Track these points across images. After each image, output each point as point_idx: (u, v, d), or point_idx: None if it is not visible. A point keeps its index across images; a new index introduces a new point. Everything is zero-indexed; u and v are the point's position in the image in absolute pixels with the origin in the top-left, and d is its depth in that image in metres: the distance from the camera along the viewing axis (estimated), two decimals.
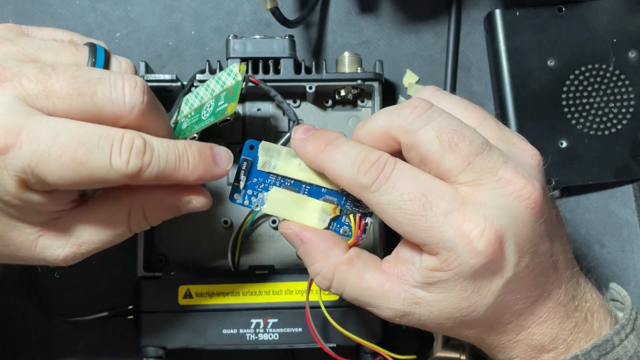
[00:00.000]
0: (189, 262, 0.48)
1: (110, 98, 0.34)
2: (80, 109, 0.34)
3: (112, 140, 0.33)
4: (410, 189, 0.34)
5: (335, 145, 0.37)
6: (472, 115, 0.37)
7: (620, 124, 0.52)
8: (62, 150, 0.32)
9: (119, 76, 0.35)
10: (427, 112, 0.35)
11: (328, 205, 0.39)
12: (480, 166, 0.34)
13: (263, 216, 0.49)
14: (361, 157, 0.35)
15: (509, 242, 0.34)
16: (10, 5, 0.53)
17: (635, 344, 0.37)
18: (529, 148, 0.37)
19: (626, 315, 0.38)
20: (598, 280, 0.40)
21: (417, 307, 0.36)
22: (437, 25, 0.55)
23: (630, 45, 0.52)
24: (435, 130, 0.34)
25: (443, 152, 0.34)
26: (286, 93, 0.48)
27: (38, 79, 0.33)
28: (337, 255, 0.37)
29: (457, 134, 0.34)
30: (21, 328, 0.50)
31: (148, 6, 0.54)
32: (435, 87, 0.39)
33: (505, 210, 0.34)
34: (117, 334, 0.50)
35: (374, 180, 0.35)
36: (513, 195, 0.34)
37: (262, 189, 0.39)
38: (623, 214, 0.53)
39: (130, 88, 0.35)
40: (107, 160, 0.33)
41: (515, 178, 0.34)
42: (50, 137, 0.32)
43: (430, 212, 0.34)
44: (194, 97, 0.46)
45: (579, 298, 0.38)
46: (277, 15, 0.46)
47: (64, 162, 0.33)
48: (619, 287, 0.41)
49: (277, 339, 0.45)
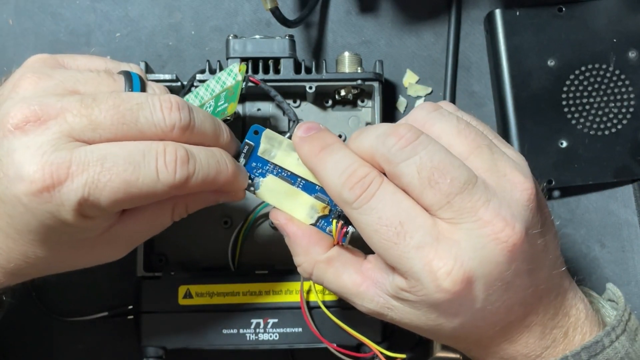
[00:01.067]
0: (189, 262, 0.48)
1: (152, 122, 0.35)
2: (124, 136, 0.34)
3: (155, 154, 0.34)
4: (389, 215, 0.34)
5: (329, 152, 0.37)
6: (464, 143, 0.36)
7: (620, 124, 0.52)
8: (111, 173, 0.33)
9: (155, 98, 0.35)
10: (412, 144, 0.34)
11: (318, 203, 0.39)
12: (459, 205, 0.34)
13: (263, 216, 0.49)
14: (349, 171, 0.35)
15: (477, 282, 0.34)
16: (10, 5, 0.53)
17: (627, 346, 0.37)
18: (520, 181, 0.35)
19: (617, 317, 0.38)
20: (598, 280, 0.40)
21: (390, 311, 0.37)
22: (437, 25, 0.55)
23: (630, 45, 0.52)
24: (416, 165, 0.34)
25: (422, 188, 0.34)
26: (286, 93, 0.48)
27: (81, 113, 0.33)
28: (317, 253, 0.39)
29: (438, 172, 0.34)
30: (21, 328, 0.50)
31: (148, 6, 0.54)
32: (432, 106, 0.38)
33: (479, 252, 0.34)
34: (117, 334, 0.50)
35: (357, 197, 0.35)
36: (490, 237, 0.33)
37: (259, 174, 0.40)
38: (623, 214, 0.53)
39: (167, 109, 0.35)
40: (154, 175, 0.34)
41: (494, 220, 0.33)
42: (97, 164, 0.33)
43: (403, 242, 0.34)
44: (194, 97, 0.46)
45: (561, 315, 0.38)
46: (277, 15, 0.46)
47: (115, 185, 0.33)
48: (615, 288, 0.41)
49: (277, 339, 0.45)
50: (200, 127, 0.36)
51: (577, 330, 0.38)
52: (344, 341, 0.45)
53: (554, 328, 0.37)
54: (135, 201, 0.34)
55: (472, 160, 0.35)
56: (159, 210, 0.38)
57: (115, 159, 0.33)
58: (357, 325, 0.44)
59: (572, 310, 0.38)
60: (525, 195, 0.35)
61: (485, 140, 0.36)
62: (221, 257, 0.48)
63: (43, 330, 0.51)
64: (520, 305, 0.36)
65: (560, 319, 0.37)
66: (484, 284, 0.34)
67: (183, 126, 0.35)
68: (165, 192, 0.34)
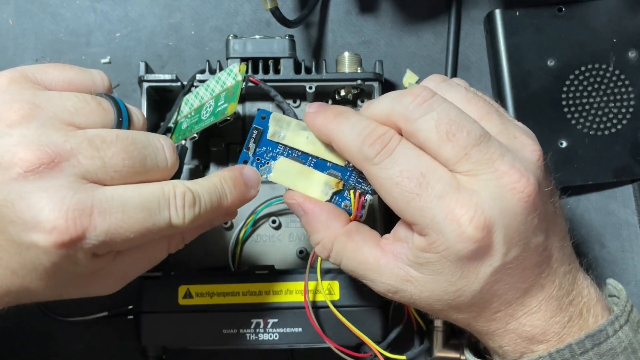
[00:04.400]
0: (189, 262, 0.48)
1: (156, 163, 0.36)
2: (133, 177, 0.35)
3: (167, 199, 0.35)
4: (410, 167, 0.35)
5: (345, 117, 0.38)
6: (475, 109, 0.37)
7: (620, 124, 0.52)
8: (132, 219, 0.33)
9: (156, 140, 0.37)
10: (428, 101, 0.36)
11: (332, 179, 0.40)
12: (476, 157, 0.35)
13: (263, 216, 0.49)
14: (368, 130, 0.36)
15: (498, 232, 0.34)
16: (10, 5, 0.53)
17: (630, 336, 0.38)
18: (529, 143, 0.37)
19: (620, 307, 0.38)
20: (598, 280, 0.40)
21: (409, 285, 0.37)
22: (437, 25, 0.55)
23: (630, 45, 0.52)
24: (434, 120, 0.35)
25: (441, 142, 0.35)
26: (286, 93, 0.48)
27: (94, 155, 0.34)
28: (337, 227, 0.39)
29: (455, 125, 0.35)
30: (21, 328, 0.50)
31: (148, 6, 0.54)
32: (441, 77, 0.39)
33: (497, 201, 0.34)
34: (117, 334, 0.50)
35: (377, 153, 0.36)
36: (507, 187, 0.35)
37: (270, 157, 0.40)
38: (623, 214, 0.53)
39: (168, 150, 0.37)
40: (167, 220, 0.35)
41: (511, 171, 0.35)
42: (119, 210, 0.33)
43: (425, 192, 0.34)
44: (194, 97, 0.46)
45: (575, 293, 0.38)
46: (277, 15, 0.46)
47: (134, 230, 0.34)
48: (615, 282, 0.41)
49: (277, 339, 0.45)
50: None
51: (590, 312, 0.38)
52: (344, 341, 0.45)
53: (570, 305, 0.37)
54: (145, 240, 0.35)
55: (483, 124, 0.36)
56: (156, 245, 0.38)
57: (134, 205, 0.34)
58: (357, 325, 0.44)
59: (584, 291, 0.38)
60: (535, 155, 0.37)
61: (493, 108, 0.38)
62: (221, 257, 0.48)
63: (43, 330, 0.50)
64: (536, 268, 0.36)
65: (575, 296, 0.38)
66: (504, 235, 0.34)
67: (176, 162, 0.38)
68: (171, 233, 0.36)
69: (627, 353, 0.37)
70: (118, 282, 0.38)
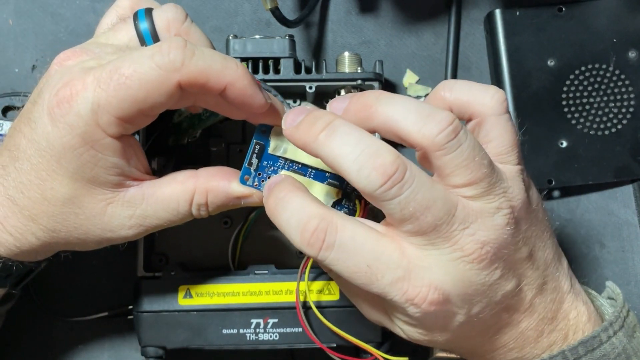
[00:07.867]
0: (189, 262, 0.48)
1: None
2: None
3: (153, 49, 0.35)
4: (355, 262, 0.34)
5: (281, 207, 0.36)
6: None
7: (620, 124, 0.52)
8: (119, 75, 0.35)
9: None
10: (398, 184, 0.33)
11: (332, 189, 0.40)
12: (435, 236, 0.34)
13: (264, 216, 0.48)
14: (302, 225, 0.35)
15: (455, 299, 0.35)
16: (10, 5, 0.53)
17: (624, 342, 0.37)
18: (507, 198, 0.35)
19: (615, 313, 0.38)
20: (598, 280, 0.41)
21: (392, 325, 0.39)
22: (437, 25, 0.55)
23: (630, 45, 0.52)
24: (400, 205, 0.34)
25: (403, 221, 0.34)
26: (286, 93, 0.48)
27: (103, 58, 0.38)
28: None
29: (421, 209, 0.34)
30: (21, 328, 0.50)
31: None
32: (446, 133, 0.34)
33: (451, 274, 0.34)
34: (117, 334, 0.50)
35: (319, 249, 0.34)
36: (460, 260, 0.34)
37: (272, 172, 0.40)
38: (623, 214, 0.53)
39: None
40: (152, 64, 0.35)
41: (466, 246, 0.34)
42: (114, 70, 0.35)
43: (377, 282, 0.34)
44: None
45: (560, 319, 0.38)
46: (277, 15, 0.46)
47: (125, 86, 0.35)
48: (614, 285, 0.41)
49: (277, 339, 0.45)
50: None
51: (579, 332, 0.38)
52: (344, 342, 0.45)
53: (552, 332, 0.37)
54: (144, 106, 0.35)
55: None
56: (179, 187, 0.38)
57: (130, 63, 0.35)
58: (357, 325, 0.44)
59: (571, 313, 0.38)
60: (505, 207, 0.35)
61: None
62: (221, 257, 0.48)
63: (43, 330, 0.50)
64: (507, 312, 0.37)
65: (560, 322, 0.38)
66: (462, 300, 0.35)
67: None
68: (164, 77, 0.35)
69: (621, 359, 0.37)
70: (137, 220, 0.38)
